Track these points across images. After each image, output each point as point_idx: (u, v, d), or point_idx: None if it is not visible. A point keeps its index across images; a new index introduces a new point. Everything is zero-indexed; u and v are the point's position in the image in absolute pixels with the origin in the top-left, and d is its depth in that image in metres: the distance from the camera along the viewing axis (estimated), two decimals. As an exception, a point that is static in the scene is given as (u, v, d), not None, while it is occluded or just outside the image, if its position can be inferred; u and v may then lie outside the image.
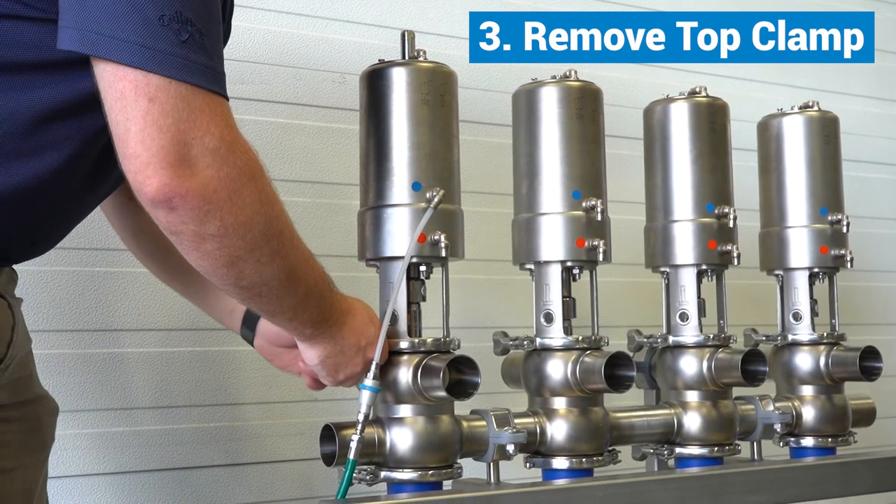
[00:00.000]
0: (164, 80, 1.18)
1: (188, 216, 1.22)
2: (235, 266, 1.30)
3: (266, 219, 1.29)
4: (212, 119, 1.21)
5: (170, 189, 1.19)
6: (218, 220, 1.24)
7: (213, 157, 1.21)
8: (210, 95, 1.22)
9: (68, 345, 2.09)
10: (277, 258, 1.34)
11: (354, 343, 1.54)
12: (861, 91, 3.36)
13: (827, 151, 2.15)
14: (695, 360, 1.94)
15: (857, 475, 2.00)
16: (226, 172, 1.22)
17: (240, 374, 2.28)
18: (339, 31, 2.45)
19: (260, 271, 1.33)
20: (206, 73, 1.22)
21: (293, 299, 1.42)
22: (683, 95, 2.00)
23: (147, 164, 1.18)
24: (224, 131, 1.22)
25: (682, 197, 1.97)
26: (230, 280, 1.33)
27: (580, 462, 1.76)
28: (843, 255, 2.11)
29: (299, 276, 1.40)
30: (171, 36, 1.18)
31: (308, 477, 2.31)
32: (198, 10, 1.21)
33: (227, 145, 1.23)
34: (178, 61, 1.19)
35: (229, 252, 1.28)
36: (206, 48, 1.22)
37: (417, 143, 1.64)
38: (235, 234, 1.26)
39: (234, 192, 1.24)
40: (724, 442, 1.94)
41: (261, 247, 1.30)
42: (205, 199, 1.21)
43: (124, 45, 1.17)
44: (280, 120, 2.37)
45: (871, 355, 2.08)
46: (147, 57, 1.17)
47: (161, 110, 1.18)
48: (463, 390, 1.59)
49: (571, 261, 1.78)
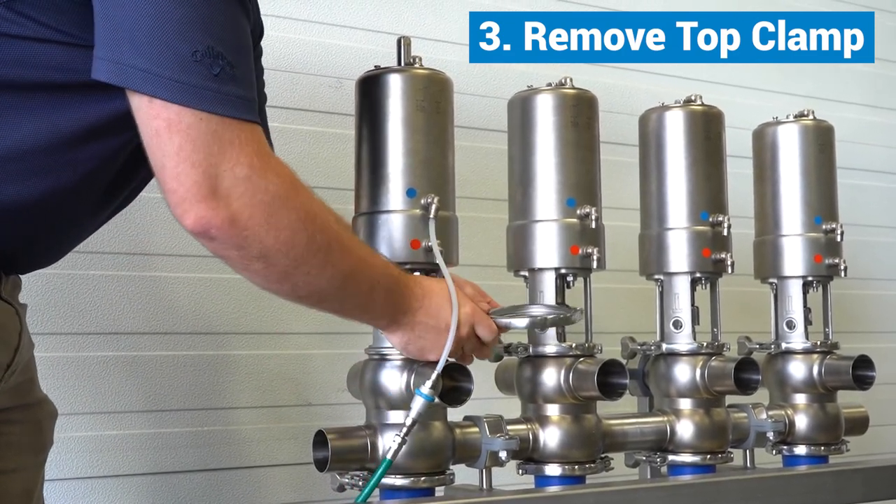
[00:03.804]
0: (196, 115, 1.24)
1: (229, 244, 1.29)
2: (287, 280, 1.37)
3: (308, 235, 1.34)
4: (241, 149, 1.27)
5: (206, 221, 1.26)
6: (258, 244, 1.30)
7: (245, 185, 1.26)
8: (240, 125, 1.27)
9: (62, 348, 2.09)
10: (328, 268, 1.39)
11: (434, 326, 1.55)
12: (857, 99, 3.37)
13: (822, 160, 2.15)
14: (688, 367, 1.94)
15: (850, 484, 2.00)
16: (259, 199, 1.28)
17: (234, 378, 2.28)
18: (336, 35, 2.46)
19: (312, 282, 1.39)
20: (236, 103, 1.27)
21: (356, 299, 1.47)
22: (679, 103, 2.01)
23: (183, 198, 1.25)
24: (253, 159, 1.28)
25: (676, 205, 1.98)
26: (286, 292, 1.41)
27: (573, 469, 1.76)
28: (836, 263, 2.11)
29: (358, 278, 1.45)
30: (204, 70, 1.24)
31: (301, 481, 2.31)
32: (228, 42, 1.27)
33: (258, 172, 1.28)
34: (209, 95, 1.24)
35: (277, 270, 1.34)
36: (236, 79, 1.27)
37: (412, 149, 1.64)
38: (279, 255, 1.32)
39: (271, 216, 1.29)
40: (717, 450, 1.94)
41: (308, 261, 1.35)
42: (241, 226, 1.27)
43: (158, 80, 1.23)
44: (276, 124, 2.36)
45: (865, 364, 2.08)
46: (179, 91, 1.23)
47: (193, 147, 1.24)
48: (456, 397, 1.59)
49: (565, 268, 1.78)
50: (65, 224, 1.44)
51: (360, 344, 1.69)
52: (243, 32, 1.32)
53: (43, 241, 1.44)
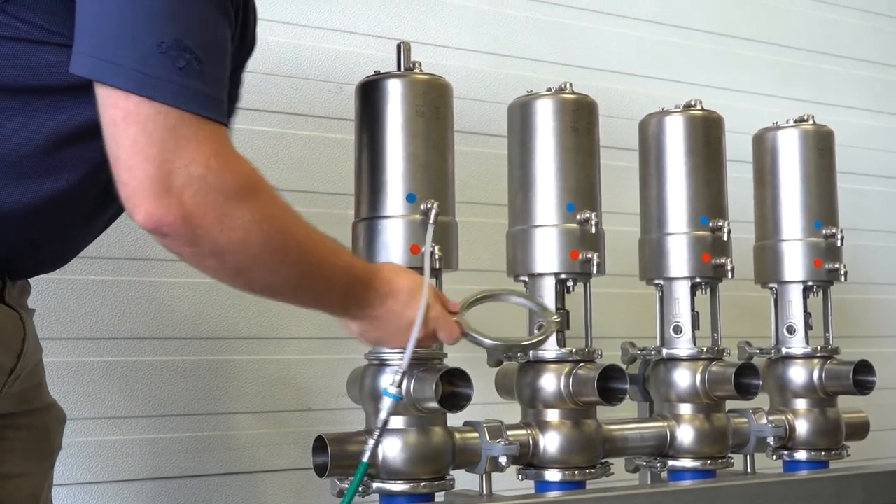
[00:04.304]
0: (154, 108, 1.21)
1: (181, 241, 1.26)
2: (242, 276, 1.36)
3: (264, 236, 1.32)
4: (199, 147, 1.24)
5: (157, 217, 1.23)
6: (211, 243, 1.27)
7: (199, 184, 1.24)
8: (201, 122, 1.24)
9: (61, 353, 2.09)
10: (283, 268, 1.37)
11: (394, 324, 1.54)
12: (857, 103, 3.37)
13: (822, 165, 2.15)
14: (688, 372, 1.94)
15: (851, 489, 2.00)
16: (213, 198, 1.25)
17: (234, 383, 2.28)
18: (336, 41, 2.46)
19: (266, 280, 1.38)
20: (199, 99, 1.24)
21: (310, 295, 1.47)
22: (679, 108, 2.01)
23: (134, 192, 1.22)
24: (210, 158, 1.25)
25: (676, 210, 1.98)
26: (241, 285, 1.40)
27: (573, 474, 1.76)
28: (837, 268, 2.11)
29: (314, 278, 1.43)
30: (168, 63, 1.21)
31: (301, 487, 2.30)
32: (199, 38, 1.24)
33: (214, 172, 1.25)
34: (171, 88, 1.21)
35: (230, 267, 1.33)
36: (203, 75, 1.24)
37: (412, 154, 1.65)
38: (232, 253, 1.30)
39: (224, 216, 1.26)
40: (717, 455, 1.94)
41: (262, 261, 1.34)
42: (193, 225, 1.25)
43: (120, 70, 1.20)
44: (276, 129, 2.37)
45: (865, 369, 2.08)
46: (139, 81, 1.20)
47: (148, 140, 1.21)
48: (456, 402, 1.59)
49: (565, 273, 1.78)
50: (68, 226, 1.44)
51: (360, 349, 1.69)
52: (218, 31, 1.29)
53: (46, 245, 1.44)
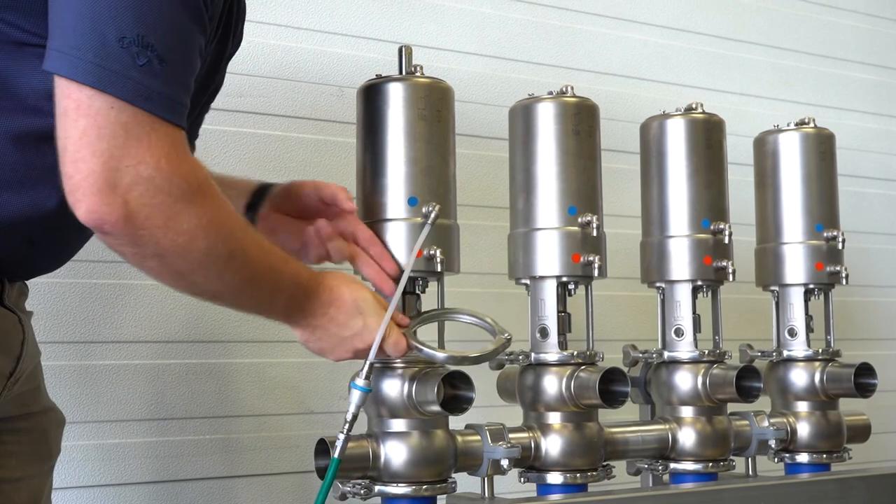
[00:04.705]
0: (107, 102, 1.18)
1: (122, 240, 1.24)
2: (184, 279, 1.34)
3: (209, 242, 1.29)
4: (150, 148, 1.21)
5: (99, 215, 1.20)
6: (154, 245, 1.25)
7: (146, 185, 1.21)
8: (156, 122, 1.22)
9: (64, 356, 2.09)
10: (227, 274, 1.35)
11: (335, 334, 1.52)
12: (859, 106, 3.37)
13: (823, 168, 2.16)
14: (690, 375, 1.94)
15: (852, 491, 2.00)
16: (160, 200, 1.22)
17: (235, 386, 2.28)
18: (338, 44, 2.46)
19: (210, 284, 1.36)
20: (156, 98, 1.21)
21: (253, 301, 1.45)
22: (680, 111, 2.01)
23: (77, 186, 1.20)
24: (162, 160, 1.22)
25: (677, 212, 1.98)
26: (183, 288, 1.38)
27: (574, 477, 1.76)
28: (838, 271, 2.11)
29: (257, 285, 1.41)
30: (128, 59, 1.18)
31: (303, 490, 2.31)
32: (164, 37, 1.21)
33: (163, 174, 1.22)
34: (128, 83, 1.19)
35: (172, 270, 1.31)
36: (163, 75, 1.21)
37: (414, 158, 1.65)
38: (175, 257, 1.28)
39: (170, 219, 1.24)
40: (719, 457, 1.94)
41: (205, 267, 1.32)
42: (135, 225, 1.22)
43: (77, 61, 1.18)
44: (278, 133, 2.38)
45: (866, 372, 2.08)
46: (95, 74, 1.18)
47: (98, 134, 1.18)
48: (457, 405, 1.59)
49: (567, 276, 1.79)
50: (63, 228, 1.43)
51: (361, 352, 1.69)
52: (185, 35, 1.26)
53: (42, 246, 1.43)
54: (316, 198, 1.64)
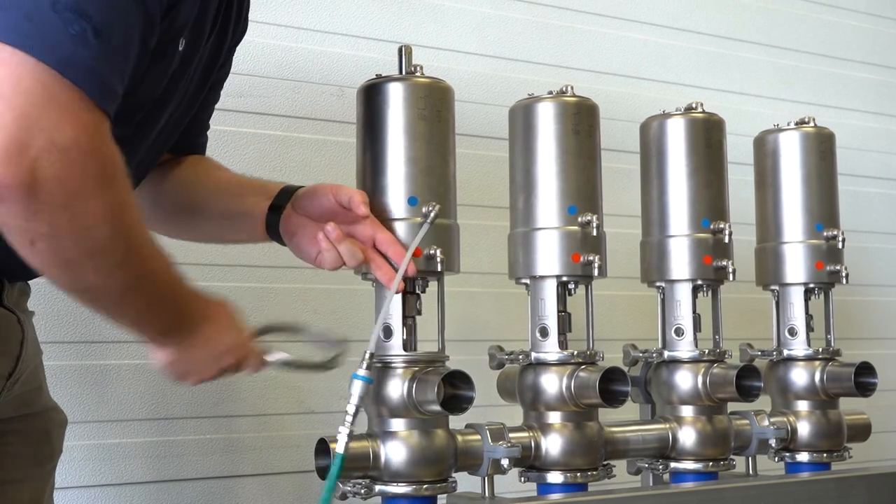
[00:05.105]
0: (33, 62, 1.08)
1: (15, 210, 1.11)
2: (69, 268, 1.21)
3: (112, 230, 1.19)
4: (71, 118, 1.10)
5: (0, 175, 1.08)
6: (48, 224, 1.13)
7: (59, 156, 1.10)
8: (82, 96, 1.11)
9: (65, 356, 2.10)
10: (120, 270, 1.25)
11: (207, 351, 1.46)
12: (859, 106, 3.37)
13: (823, 167, 2.16)
14: (690, 374, 1.94)
15: (853, 491, 2.00)
16: (69, 174, 1.11)
17: (236, 386, 2.28)
18: (338, 44, 2.46)
19: (98, 279, 1.24)
20: (84, 71, 1.11)
21: (136, 308, 1.34)
22: (680, 111, 2.01)
23: None
24: (81, 134, 1.11)
25: (677, 212, 1.98)
26: (63, 279, 1.24)
27: (575, 476, 1.76)
28: (838, 270, 2.11)
29: (146, 288, 1.31)
30: (59, 23, 1.09)
31: (304, 489, 2.31)
32: (103, 11, 1.13)
33: (80, 148, 1.11)
34: (55, 48, 1.09)
35: (61, 255, 1.18)
36: (96, 50, 1.12)
37: (414, 157, 1.65)
38: (69, 239, 1.16)
39: (75, 198, 1.13)
40: (719, 457, 1.94)
41: (100, 256, 1.21)
42: (36, 197, 1.10)
43: (3, 20, 1.08)
44: (278, 133, 2.38)
45: (866, 371, 2.08)
46: (22, 37, 1.08)
47: (16, 87, 1.07)
48: (457, 405, 1.59)
49: (567, 276, 1.79)
50: None
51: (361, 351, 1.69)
52: (127, 18, 1.17)
53: None
54: (334, 200, 1.60)
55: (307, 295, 2.37)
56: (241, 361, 1.49)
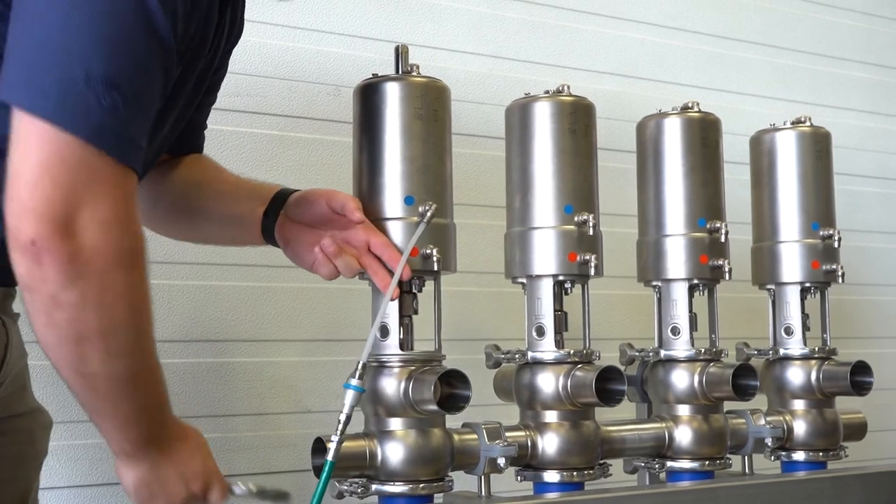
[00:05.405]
0: (72, 139, 1.15)
1: (51, 276, 1.16)
2: (81, 346, 1.22)
3: (130, 309, 1.23)
4: (110, 191, 1.18)
5: (43, 242, 1.14)
6: (79, 292, 1.18)
7: (99, 227, 1.17)
8: (116, 166, 1.18)
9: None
10: (128, 355, 1.26)
11: (177, 474, 1.42)
12: (856, 105, 3.38)
13: (819, 167, 2.16)
14: (686, 374, 1.94)
15: (849, 489, 2.00)
16: (106, 246, 1.18)
17: (232, 385, 2.28)
18: (334, 43, 2.46)
19: (105, 361, 1.24)
20: (119, 143, 1.18)
21: (129, 406, 1.32)
22: (676, 110, 2.02)
23: (30, 210, 1.14)
24: (119, 207, 1.19)
25: (674, 211, 1.98)
26: (71, 361, 1.24)
27: (571, 475, 1.76)
28: (834, 269, 2.11)
29: (142, 384, 1.31)
30: (92, 98, 1.15)
31: (300, 489, 2.30)
32: (129, 77, 1.18)
33: (118, 221, 1.19)
34: (92, 124, 1.16)
35: (79, 329, 1.21)
36: (127, 118, 1.18)
37: (410, 157, 1.65)
38: (92, 312, 1.20)
39: (107, 270, 1.19)
40: (716, 456, 1.94)
41: (114, 335, 1.23)
42: (75, 264, 1.16)
43: (41, 96, 1.15)
44: (274, 132, 2.38)
45: (862, 370, 2.08)
46: (61, 112, 1.14)
47: (61, 166, 1.15)
48: (454, 404, 1.60)
49: (563, 275, 1.79)
50: None
51: (358, 351, 1.69)
52: (153, 76, 1.23)
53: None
54: (327, 207, 1.61)
55: (305, 294, 2.37)
56: (208, 488, 1.47)
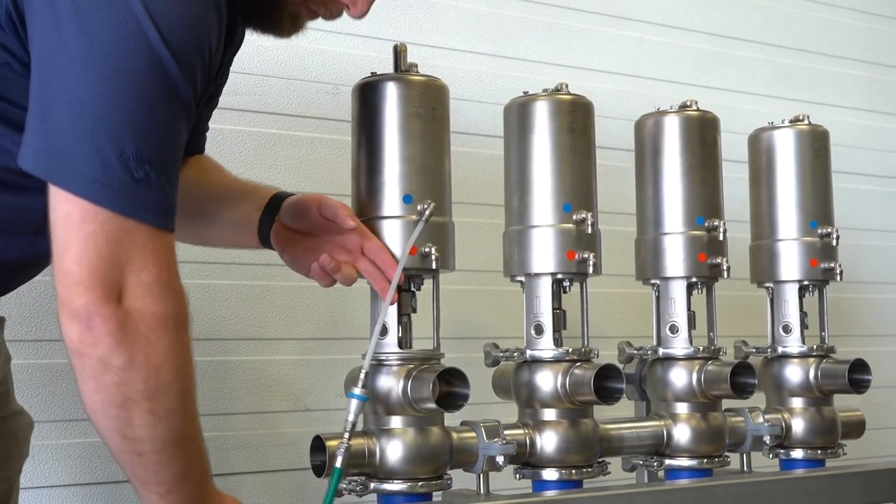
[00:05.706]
0: (111, 215, 1.20)
1: (101, 340, 1.20)
2: (127, 409, 1.24)
3: (175, 372, 1.25)
4: (152, 256, 1.23)
5: (94, 308, 1.19)
6: (128, 354, 1.21)
7: (144, 291, 1.22)
8: (155, 232, 1.23)
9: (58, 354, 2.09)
10: (173, 418, 1.27)
11: None
12: (853, 103, 3.38)
13: (817, 165, 2.16)
14: (684, 372, 1.95)
15: (847, 487, 2.01)
16: (153, 310, 1.22)
17: (232, 383, 2.28)
18: (333, 42, 2.47)
19: (150, 424, 1.26)
20: (155, 210, 1.23)
21: (172, 472, 1.31)
22: (674, 109, 2.02)
23: (79, 281, 1.19)
24: (162, 271, 1.23)
25: (672, 210, 1.98)
26: (117, 425, 1.26)
27: (570, 473, 1.76)
28: (832, 267, 2.12)
29: (185, 450, 1.31)
30: (126, 174, 1.19)
31: (299, 487, 2.31)
32: (157, 147, 1.22)
33: (161, 284, 1.23)
34: (129, 199, 1.20)
35: (126, 391, 1.23)
36: (160, 186, 1.23)
37: (409, 155, 1.65)
38: (139, 375, 1.22)
39: (154, 333, 1.23)
40: (714, 454, 1.94)
41: (159, 398, 1.25)
42: (124, 327, 1.21)
43: (78, 177, 1.19)
44: (273, 131, 2.38)
45: (861, 368, 2.09)
46: (99, 192, 1.19)
47: (105, 238, 1.20)
48: (452, 402, 1.60)
49: (562, 273, 1.79)
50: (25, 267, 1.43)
51: (357, 349, 1.70)
52: (178, 137, 1.27)
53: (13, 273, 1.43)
54: (318, 215, 1.62)
55: (304, 293, 2.37)
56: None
